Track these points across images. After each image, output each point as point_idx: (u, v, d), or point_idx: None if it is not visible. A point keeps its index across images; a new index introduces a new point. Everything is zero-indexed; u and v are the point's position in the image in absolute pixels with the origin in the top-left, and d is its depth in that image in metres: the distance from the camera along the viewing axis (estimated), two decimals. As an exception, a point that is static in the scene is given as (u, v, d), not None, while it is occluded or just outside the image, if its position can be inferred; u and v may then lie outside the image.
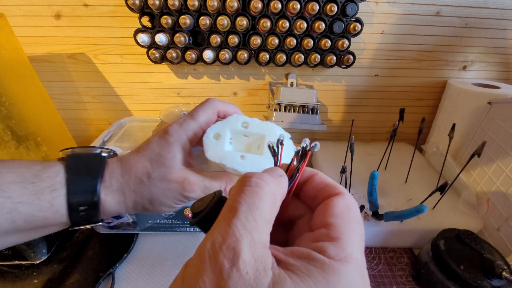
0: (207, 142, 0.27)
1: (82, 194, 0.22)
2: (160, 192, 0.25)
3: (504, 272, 0.36)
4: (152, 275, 0.46)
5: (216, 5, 0.53)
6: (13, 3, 0.56)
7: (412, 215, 0.43)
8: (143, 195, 0.25)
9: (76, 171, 0.22)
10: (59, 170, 0.22)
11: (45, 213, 0.21)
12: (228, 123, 0.28)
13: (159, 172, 0.25)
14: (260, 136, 0.28)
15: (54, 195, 0.21)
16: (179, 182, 0.25)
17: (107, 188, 0.24)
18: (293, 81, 0.66)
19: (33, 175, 0.21)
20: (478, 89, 0.58)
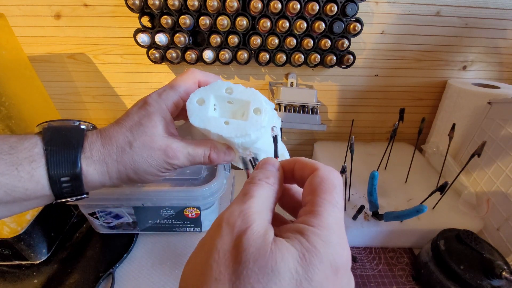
0: (191, 108, 0.26)
1: (62, 165, 0.22)
2: (143, 160, 0.25)
3: (504, 272, 0.36)
4: (152, 275, 0.46)
5: (216, 5, 0.53)
6: (13, 3, 0.56)
7: (412, 215, 0.43)
8: (126, 164, 0.24)
9: (54, 142, 0.22)
10: (36, 141, 0.22)
11: (25, 184, 0.21)
12: (212, 88, 0.27)
13: (140, 141, 0.24)
14: (244, 103, 0.27)
15: (33, 166, 0.21)
16: (161, 150, 0.25)
17: (88, 159, 0.23)
18: (293, 81, 0.66)
19: (9, 147, 0.21)
20: (478, 89, 0.58)
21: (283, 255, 0.13)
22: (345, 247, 0.15)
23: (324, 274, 0.14)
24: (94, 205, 0.47)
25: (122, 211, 0.48)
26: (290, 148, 0.79)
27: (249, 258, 0.13)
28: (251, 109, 0.26)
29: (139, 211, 0.48)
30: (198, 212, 0.49)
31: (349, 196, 0.53)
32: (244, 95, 0.27)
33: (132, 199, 0.46)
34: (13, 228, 0.43)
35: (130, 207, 0.48)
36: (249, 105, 0.27)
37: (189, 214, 0.49)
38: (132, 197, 0.46)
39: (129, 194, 0.45)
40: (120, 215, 0.49)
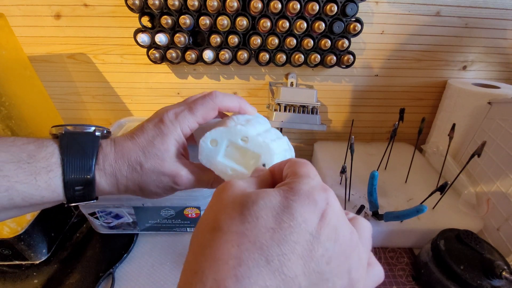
0: (203, 146, 0.27)
1: (77, 174, 0.23)
2: (151, 181, 0.26)
3: (504, 272, 0.36)
4: (152, 275, 0.46)
5: (216, 5, 0.53)
6: (13, 3, 0.56)
7: (412, 215, 0.43)
8: (135, 182, 0.25)
9: (70, 151, 0.23)
10: (53, 151, 0.23)
11: (42, 192, 0.22)
12: (228, 133, 0.27)
13: (151, 163, 0.25)
14: (256, 154, 0.27)
15: (51, 175, 0.22)
16: (170, 176, 0.26)
17: (100, 171, 0.24)
18: (293, 81, 0.66)
19: (28, 156, 0.21)
20: (478, 89, 0.58)
21: (261, 193, 0.15)
22: (325, 188, 0.17)
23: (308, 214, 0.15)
24: (94, 205, 0.47)
25: (122, 211, 0.48)
26: (290, 148, 0.79)
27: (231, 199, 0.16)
28: (260, 163, 0.27)
29: (139, 211, 0.48)
30: (198, 212, 0.49)
31: (349, 196, 0.53)
32: (257, 148, 0.27)
33: (132, 199, 0.46)
34: (13, 228, 0.43)
35: (130, 207, 0.48)
36: (259, 158, 0.27)
37: (189, 214, 0.49)
38: (132, 197, 0.46)
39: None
40: (120, 215, 0.49)
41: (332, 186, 0.57)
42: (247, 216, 0.14)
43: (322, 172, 0.63)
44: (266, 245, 0.13)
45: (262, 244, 0.13)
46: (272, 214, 0.14)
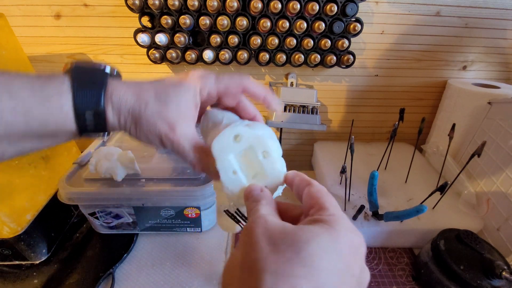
0: (225, 134, 0.25)
1: (87, 101, 0.23)
2: (149, 122, 0.25)
3: (504, 272, 0.36)
4: (152, 275, 0.46)
5: (216, 5, 0.53)
6: (13, 3, 0.56)
7: (412, 215, 0.43)
8: (134, 117, 0.25)
9: (80, 80, 0.23)
10: (64, 79, 0.23)
11: (56, 117, 0.22)
12: (257, 139, 0.25)
13: (158, 106, 0.25)
14: (264, 173, 0.26)
15: (62, 101, 0.22)
16: (170, 124, 0.25)
17: (108, 101, 0.24)
18: (293, 81, 0.66)
19: (41, 83, 0.22)
20: (478, 89, 0.58)
21: (308, 233, 0.16)
22: (357, 230, 0.18)
23: (348, 250, 0.16)
24: (94, 205, 0.47)
25: (122, 211, 0.48)
26: (290, 148, 0.79)
27: (277, 238, 0.17)
28: (262, 182, 0.25)
29: (139, 211, 0.48)
30: (198, 212, 0.49)
31: (349, 196, 0.53)
32: (270, 171, 0.25)
33: (132, 199, 0.46)
34: (13, 228, 0.43)
35: (130, 207, 0.48)
36: (264, 179, 0.26)
37: (189, 214, 0.49)
38: (132, 197, 0.46)
39: (129, 194, 0.45)
40: (120, 215, 0.49)
41: (332, 186, 0.57)
42: (306, 258, 0.15)
43: (322, 172, 0.63)
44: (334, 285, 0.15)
45: (331, 284, 0.15)
46: (327, 254, 0.16)
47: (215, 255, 0.49)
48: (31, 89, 0.21)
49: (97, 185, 0.46)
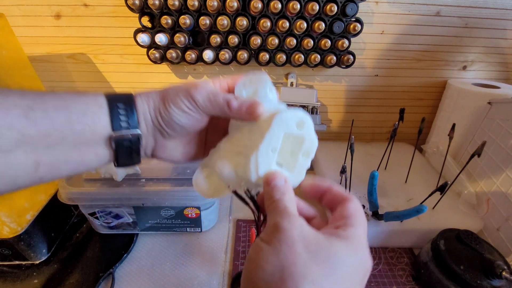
0: (290, 114, 0.24)
1: (119, 97, 0.25)
2: (174, 92, 0.27)
3: (504, 272, 0.36)
4: (152, 275, 0.46)
5: (216, 5, 0.53)
6: (13, 3, 0.56)
7: (412, 215, 0.43)
8: (161, 96, 0.27)
9: (111, 94, 0.26)
10: (97, 94, 0.25)
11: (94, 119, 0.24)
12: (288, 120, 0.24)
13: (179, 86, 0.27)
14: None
15: (99, 100, 0.25)
16: (189, 86, 0.27)
17: (136, 95, 0.26)
18: (293, 81, 0.66)
19: (77, 95, 0.24)
20: (478, 89, 0.58)
21: (338, 249, 0.18)
22: (369, 256, 0.21)
23: (363, 270, 0.19)
24: (94, 205, 0.47)
25: (122, 211, 0.48)
26: (290, 148, 0.79)
27: (313, 250, 0.18)
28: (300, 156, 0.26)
29: (139, 211, 0.48)
30: (198, 212, 0.49)
31: (349, 196, 0.53)
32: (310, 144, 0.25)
33: (132, 199, 0.46)
34: (13, 228, 0.43)
35: (130, 207, 0.48)
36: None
37: (189, 214, 0.49)
38: (132, 197, 0.46)
39: (129, 194, 0.45)
40: (120, 215, 0.49)
41: (332, 186, 0.57)
42: (339, 277, 0.17)
43: (322, 172, 0.63)
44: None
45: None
46: (353, 276, 0.18)
47: (215, 255, 0.49)
48: (86, 104, 0.24)
49: (97, 185, 0.46)
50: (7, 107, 0.20)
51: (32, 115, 0.21)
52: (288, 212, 0.20)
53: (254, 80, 0.28)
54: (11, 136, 0.20)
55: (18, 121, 0.20)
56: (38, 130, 0.21)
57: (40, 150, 0.22)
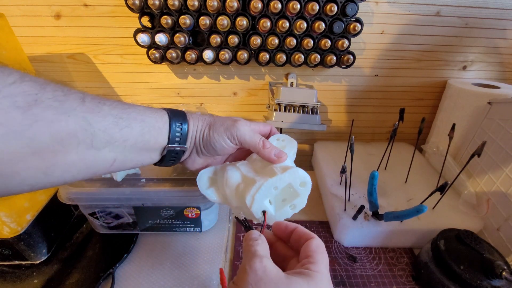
0: (264, 189, 0.31)
1: (177, 118, 0.32)
2: (220, 123, 0.34)
3: (504, 272, 0.36)
4: (152, 275, 0.46)
5: (216, 5, 0.53)
6: (13, 3, 0.56)
7: (412, 215, 0.43)
8: (209, 123, 0.34)
9: (172, 111, 0.33)
10: (162, 111, 0.32)
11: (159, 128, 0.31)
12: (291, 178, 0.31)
13: (224, 118, 0.35)
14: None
15: (164, 117, 0.32)
16: (232, 120, 0.35)
17: (189, 116, 0.34)
18: (293, 81, 0.66)
19: (151, 110, 0.31)
20: (478, 89, 0.58)
21: (296, 286, 0.21)
22: (331, 286, 0.24)
23: None
24: (94, 205, 0.47)
25: (122, 211, 0.48)
26: (290, 148, 0.79)
27: (271, 285, 0.21)
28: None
29: (139, 211, 0.48)
30: (198, 212, 0.49)
31: (349, 196, 0.53)
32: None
33: (132, 199, 0.46)
34: (13, 228, 0.43)
35: (130, 207, 0.48)
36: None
37: (189, 214, 0.49)
38: (132, 197, 0.46)
39: (129, 194, 0.45)
40: (120, 215, 0.49)
41: (332, 186, 0.57)
42: None
43: (322, 172, 0.63)
44: None
45: None
46: None
47: (215, 255, 0.49)
48: (155, 116, 0.31)
49: (97, 185, 0.46)
50: (104, 115, 0.25)
51: (120, 123, 0.26)
52: (256, 255, 0.23)
53: (287, 140, 0.38)
54: (104, 138, 0.25)
55: (110, 127, 0.26)
56: (121, 135, 0.27)
57: (118, 150, 0.27)
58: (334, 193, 0.56)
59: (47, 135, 0.21)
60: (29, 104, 0.20)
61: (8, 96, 0.19)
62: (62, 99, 0.23)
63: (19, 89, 0.20)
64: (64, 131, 0.22)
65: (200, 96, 0.69)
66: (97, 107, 0.25)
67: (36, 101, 0.21)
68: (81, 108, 0.24)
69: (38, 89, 0.21)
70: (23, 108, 0.20)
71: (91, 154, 0.25)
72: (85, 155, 0.24)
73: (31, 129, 0.20)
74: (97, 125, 0.24)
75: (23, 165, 0.21)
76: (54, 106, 0.22)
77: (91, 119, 0.24)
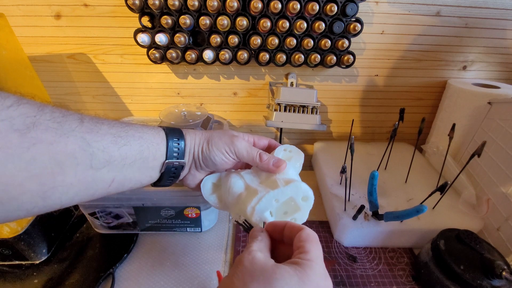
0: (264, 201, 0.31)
1: (174, 135, 0.33)
2: (218, 137, 0.35)
3: (504, 272, 0.36)
4: (152, 275, 0.46)
5: (216, 5, 0.53)
6: (13, 3, 0.56)
7: (412, 215, 0.43)
8: (206, 138, 0.35)
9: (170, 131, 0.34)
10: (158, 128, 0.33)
11: (157, 143, 0.31)
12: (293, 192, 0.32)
13: (222, 131, 0.36)
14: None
15: (160, 135, 0.32)
16: (231, 136, 0.35)
17: (186, 132, 0.34)
18: (293, 81, 0.66)
19: (148, 127, 0.31)
20: (478, 89, 0.58)
21: (282, 272, 0.21)
22: (327, 276, 0.23)
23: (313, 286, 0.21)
24: (94, 205, 0.47)
25: (122, 211, 0.48)
26: (290, 148, 0.79)
27: (256, 273, 0.21)
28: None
29: (139, 211, 0.48)
30: (198, 212, 0.49)
31: (349, 196, 0.53)
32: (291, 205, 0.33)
33: (132, 199, 0.46)
34: (13, 228, 0.43)
35: (130, 207, 0.48)
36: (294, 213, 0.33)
37: (189, 214, 0.49)
38: (132, 197, 0.46)
39: (129, 194, 0.45)
40: (120, 215, 0.49)
41: (332, 186, 0.57)
42: None
43: (322, 172, 0.63)
44: None
45: None
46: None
47: (215, 255, 0.49)
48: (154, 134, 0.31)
49: (97, 185, 0.46)
50: (102, 134, 0.25)
51: (119, 141, 0.26)
52: (248, 250, 0.24)
53: (294, 151, 0.39)
54: (102, 157, 0.25)
55: (109, 146, 0.25)
56: (120, 154, 0.26)
57: (117, 169, 0.27)
58: (334, 193, 0.56)
59: (46, 157, 0.21)
60: (27, 127, 0.20)
61: (6, 119, 0.19)
62: (60, 120, 0.23)
63: (17, 112, 0.20)
64: (63, 152, 0.22)
65: (200, 96, 0.69)
66: (95, 127, 0.25)
67: (34, 124, 0.21)
68: (80, 129, 0.24)
69: (36, 111, 0.21)
70: (20, 130, 0.20)
71: (90, 175, 0.24)
72: (83, 176, 0.24)
73: (29, 152, 0.20)
74: (96, 145, 0.24)
75: (20, 189, 0.21)
76: (53, 127, 0.22)
77: (90, 139, 0.24)
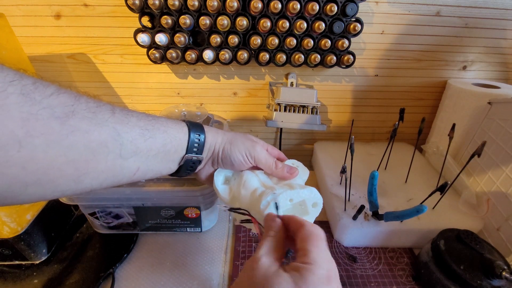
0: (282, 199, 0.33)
1: (196, 130, 0.34)
2: (241, 140, 0.37)
3: (504, 272, 0.36)
4: (152, 275, 0.46)
5: (216, 5, 0.53)
6: (13, 3, 0.56)
7: (412, 215, 0.43)
8: (229, 139, 0.36)
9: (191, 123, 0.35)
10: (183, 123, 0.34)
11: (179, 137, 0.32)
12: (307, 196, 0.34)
13: (245, 135, 0.38)
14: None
15: (184, 130, 0.33)
16: (253, 141, 0.37)
17: (207, 129, 0.35)
18: (293, 81, 0.66)
19: (172, 121, 0.32)
20: (478, 89, 0.58)
21: (281, 281, 0.21)
22: (330, 278, 0.22)
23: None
24: (94, 205, 0.47)
25: (122, 211, 0.48)
26: (290, 148, 0.79)
27: (256, 281, 0.22)
28: None
29: (139, 211, 0.48)
30: (198, 212, 0.49)
31: (349, 196, 0.53)
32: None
33: (132, 199, 0.46)
34: (13, 228, 0.43)
35: (130, 207, 0.48)
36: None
37: (189, 214, 0.49)
38: (132, 197, 0.46)
39: (129, 194, 0.45)
40: (120, 215, 0.49)
41: (332, 186, 0.57)
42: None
43: (322, 172, 0.63)
44: None
45: None
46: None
47: (215, 255, 0.49)
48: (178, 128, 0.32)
49: (97, 185, 0.46)
50: (132, 126, 0.27)
51: (145, 134, 0.28)
52: (256, 254, 0.24)
53: (301, 167, 0.41)
54: (130, 148, 0.26)
55: (137, 138, 0.27)
56: (145, 146, 0.28)
57: (142, 160, 0.28)
58: (334, 193, 0.56)
59: (81, 144, 0.22)
60: (66, 115, 0.22)
61: (48, 107, 0.21)
62: (95, 110, 0.24)
63: (57, 101, 0.22)
64: (97, 141, 0.23)
65: (200, 96, 0.69)
66: (126, 119, 0.26)
67: (72, 112, 0.22)
68: (112, 119, 0.25)
69: (73, 101, 0.23)
70: (61, 118, 0.21)
71: (118, 164, 0.26)
72: (113, 164, 0.25)
73: (67, 139, 0.21)
74: (125, 136, 0.26)
75: (58, 173, 0.22)
76: (88, 117, 0.23)
77: (120, 130, 0.25)
